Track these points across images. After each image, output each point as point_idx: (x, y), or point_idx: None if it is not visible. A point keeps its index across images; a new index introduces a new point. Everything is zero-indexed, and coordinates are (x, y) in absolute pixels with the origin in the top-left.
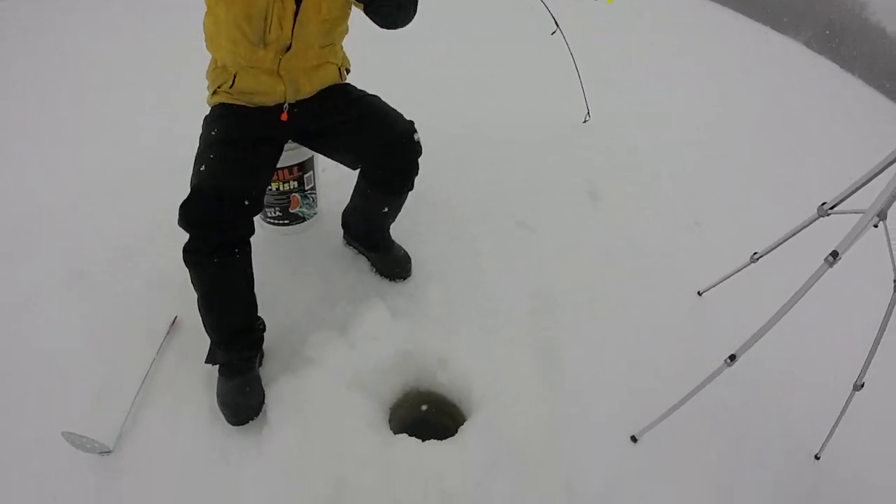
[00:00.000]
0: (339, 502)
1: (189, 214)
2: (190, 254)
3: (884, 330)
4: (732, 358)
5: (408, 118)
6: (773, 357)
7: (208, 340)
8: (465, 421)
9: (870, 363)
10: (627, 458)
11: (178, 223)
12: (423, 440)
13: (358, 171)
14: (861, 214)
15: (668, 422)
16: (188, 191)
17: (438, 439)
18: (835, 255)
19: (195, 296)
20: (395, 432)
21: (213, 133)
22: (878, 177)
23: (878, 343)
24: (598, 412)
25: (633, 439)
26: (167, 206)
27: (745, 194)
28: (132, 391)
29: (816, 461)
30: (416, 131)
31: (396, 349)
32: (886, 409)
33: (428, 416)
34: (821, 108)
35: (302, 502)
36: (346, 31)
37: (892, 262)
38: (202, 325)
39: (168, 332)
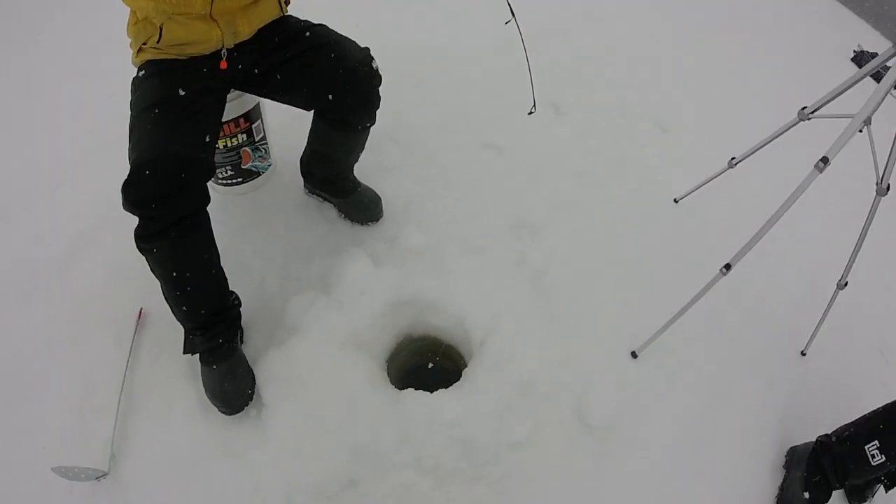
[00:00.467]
0: (359, 470)
1: (132, 194)
2: (142, 239)
3: (866, 231)
4: (728, 267)
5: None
6: (757, 261)
7: (181, 328)
8: (467, 363)
9: (853, 263)
10: (630, 376)
11: (123, 206)
12: (431, 391)
13: (312, 111)
14: (849, 119)
15: (663, 333)
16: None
17: (441, 385)
18: (825, 160)
19: (156, 282)
20: (395, 384)
21: (144, 96)
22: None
23: (861, 244)
24: (597, 334)
25: (634, 355)
26: (108, 190)
27: (715, 100)
28: (113, 401)
29: (803, 357)
30: (373, 58)
31: (385, 300)
32: (869, 306)
33: (425, 360)
34: (792, 17)
35: (321, 478)
36: None
37: (875, 166)
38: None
39: (136, 328)
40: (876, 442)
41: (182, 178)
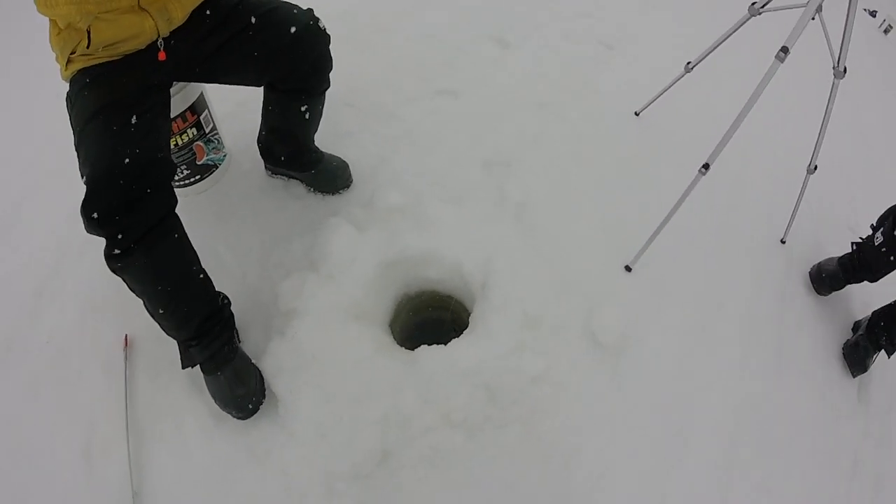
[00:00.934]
0: (390, 441)
1: (95, 212)
2: (114, 259)
3: (829, 115)
4: (706, 167)
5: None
6: (730, 158)
7: (173, 343)
8: (470, 309)
9: (820, 147)
10: (628, 290)
11: (86, 229)
12: (444, 343)
13: (262, 87)
14: (801, 10)
15: (652, 244)
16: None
17: (447, 336)
18: (785, 50)
19: (136, 305)
20: (402, 346)
21: (84, 107)
22: None
23: (825, 127)
24: (590, 256)
25: (628, 269)
26: (61, 220)
27: (655, 8)
28: (120, 437)
29: (783, 245)
30: (318, 18)
31: (376, 263)
32: (837, 186)
33: (427, 316)
34: None
35: (354, 459)
36: None
37: (831, 50)
38: (160, 330)
39: (126, 356)
40: None
41: (144, 182)
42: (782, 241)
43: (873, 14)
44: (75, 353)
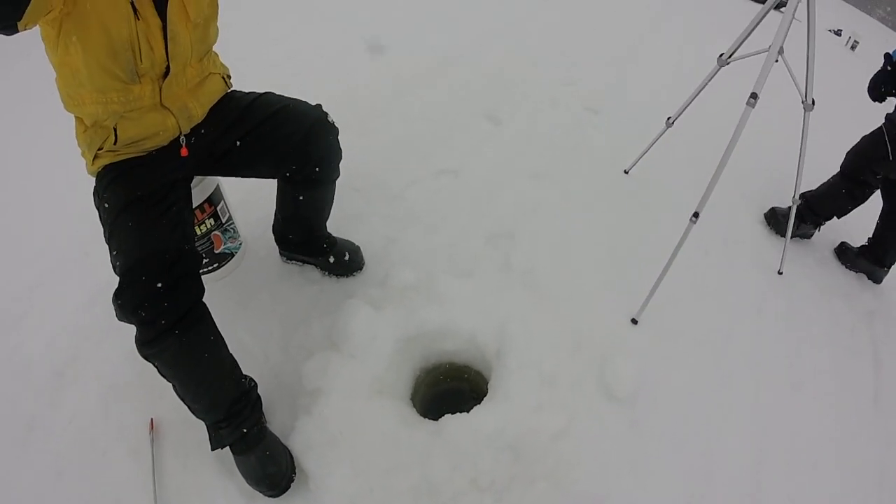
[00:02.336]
0: None
1: (128, 301)
2: (146, 345)
3: (805, 145)
4: (696, 215)
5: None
6: (717, 201)
7: (200, 425)
8: (487, 377)
9: (801, 177)
10: (637, 342)
11: (118, 317)
12: (466, 411)
13: (276, 180)
14: (764, 54)
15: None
16: (107, 279)
17: (467, 406)
18: (755, 96)
19: (159, 388)
20: (423, 415)
21: (113, 202)
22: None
23: (803, 159)
24: (597, 313)
25: (634, 322)
26: (80, 306)
27: (630, 70)
28: None
29: (780, 276)
30: (327, 113)
31: (396, 338)
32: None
33: (446, 386)
34: None
35: None
36: (218, 32)
37: (797, 87)
38: (188, 412)
39: (152, 440)
40: None
41: (176, 271)
42: (779, 273)
43: (838, 33)
44: (99, 435)
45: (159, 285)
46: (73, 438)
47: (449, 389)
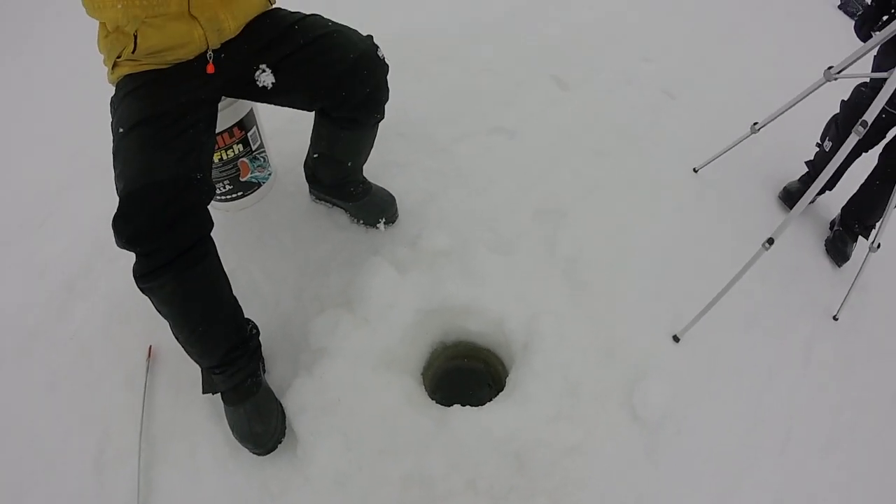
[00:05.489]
0: (413, 501)
1: (126, 230)
2: (142, 278)
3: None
4: (770, 241)
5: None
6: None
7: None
8: (507, 368)
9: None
10: (675, 362)
11: (116, 243)
12: (470, 395)
13: (314, 112)
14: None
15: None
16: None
17: (478, 389)
18: (864, 124)
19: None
20: (431, 395)
21: (125, 116)
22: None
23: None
24: (637, 322)
25: (675, 339)
26: (99, 220)
27: (716, 63)
28: (133, 450)
29: (835, 321)
30: (377, 46)
31: (416, 310)
32: None
33: (462, 364)
34: None
35: None
36: None
37: None
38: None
39: (148, 368)
40: None
41: (179, 205)
42: (835, 318)
43: None
44: (98, 355)
45: (160, 218)
46: (73, 354)
47: (466, 369)
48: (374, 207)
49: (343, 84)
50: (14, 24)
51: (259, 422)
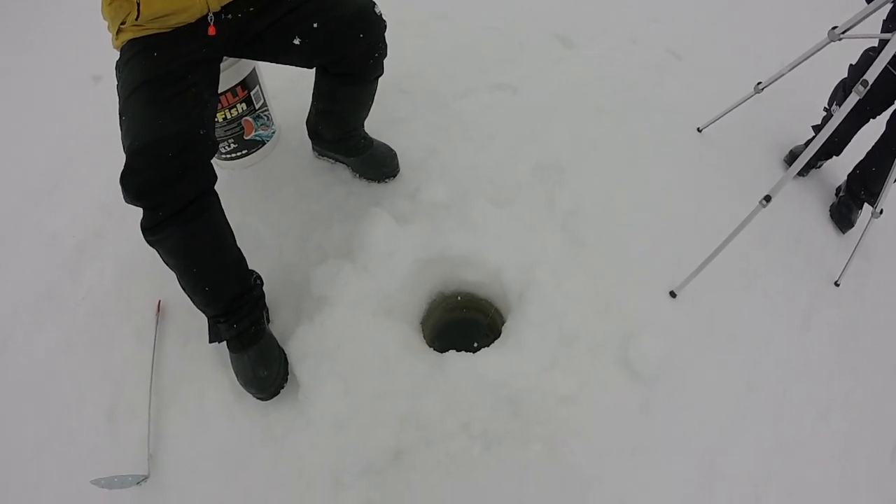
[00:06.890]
0: (405, 441)
1: (132, 186)
2: (149, 231)
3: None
4: (767, 199)
5: None
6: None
7: (203, 317)
8: (504, 317)
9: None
10: (672, 318)
11: (124, 199)
12: (468, 345)
13: (314, 69)
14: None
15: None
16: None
17: (476, 339)
18: (864, 83)
19: (170, 272)
20: (430, 344)
21: (130, 78)
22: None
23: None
24: (634, 277)
25: (672, 294)
26: (107, 183)
27: (724, 23)
28: (143, 399)
29: (837, 287)
30: (375, 3)
31: (414, 259)
32: None
33: (461, 315)
34: None
35: (368, 454)
36: None
37: None
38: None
39: (157, 322)
40: None
41: (183, 159)
42: (836, 284)
43: None
44: (110, 313)
45: (165, 171)
46: (86, 313)
47: (465, 319)
48: (375, 162)
49: (341, 40)
50: None
51: (262, 367)
